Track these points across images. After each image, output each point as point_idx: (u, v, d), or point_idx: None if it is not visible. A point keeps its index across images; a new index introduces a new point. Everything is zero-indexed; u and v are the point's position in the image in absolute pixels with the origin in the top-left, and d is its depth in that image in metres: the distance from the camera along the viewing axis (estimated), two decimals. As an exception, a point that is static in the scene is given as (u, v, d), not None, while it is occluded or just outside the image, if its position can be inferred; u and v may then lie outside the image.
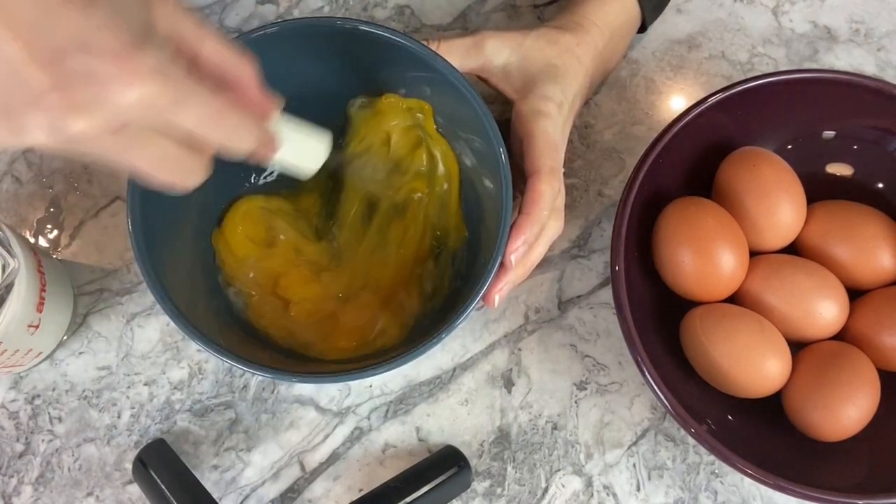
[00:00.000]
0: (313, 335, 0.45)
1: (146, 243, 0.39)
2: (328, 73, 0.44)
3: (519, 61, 0.44)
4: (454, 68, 0.40)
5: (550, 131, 0.41)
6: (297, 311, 0.45)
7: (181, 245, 0.43)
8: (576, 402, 0.47)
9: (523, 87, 0.43)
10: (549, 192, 0.39)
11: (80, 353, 0.48)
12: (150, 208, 0.39)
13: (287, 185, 0.47)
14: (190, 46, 0.28)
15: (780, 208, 0.44)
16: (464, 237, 0.46)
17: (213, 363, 0.48)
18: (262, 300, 0.45)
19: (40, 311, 0.43)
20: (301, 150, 0.35)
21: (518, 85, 0.44)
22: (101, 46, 0.23)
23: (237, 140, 0.29)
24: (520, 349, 0.48)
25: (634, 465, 0.46)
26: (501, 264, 0.39)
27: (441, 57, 0.40)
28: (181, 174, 0.28)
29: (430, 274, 0.46)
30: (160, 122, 0.26)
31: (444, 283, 0.46)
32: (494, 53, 0.44)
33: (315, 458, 0.47)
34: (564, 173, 0.50)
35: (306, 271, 0.46)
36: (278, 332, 0.45)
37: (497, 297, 0.39)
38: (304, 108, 0.36)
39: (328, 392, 0.47)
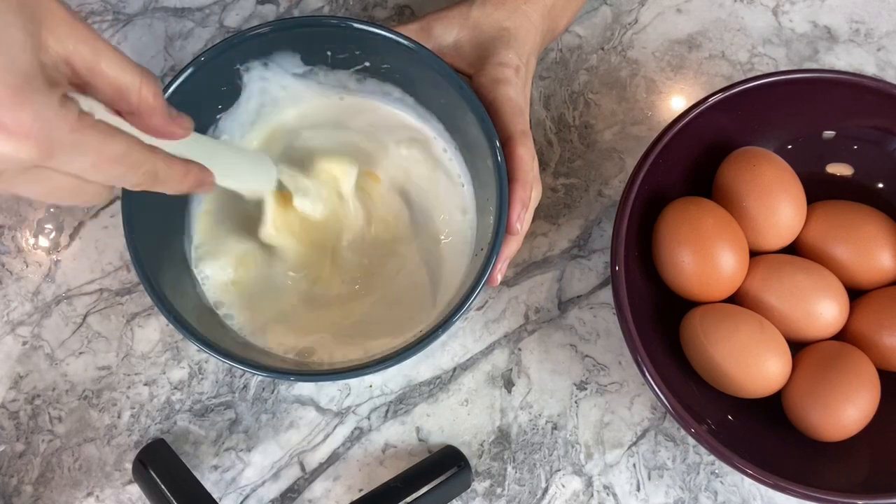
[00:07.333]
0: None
1: (143, 247, 0.38)
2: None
3: (469, 34, 0.43)
4: (435, 55, 0.40)
5: (513, 96, 0.41)
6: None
7: (178, 247, 0.43)
8: (576, 402, 0.47)
9: (477, 59, 0.43)
10: (528, 154, 0.40)
11: (80, 353, 0.48)
12: (147, 211, 0.39)
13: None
14: (86, 68, 0.27)
15: (780, 208, 0.44)
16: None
17: (213, 363, 0.48)
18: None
19: None
20: (242, 173, 0.33)
21: (472, 58, 0.43)
22: None
23: (135, 180, 0.28)
24: (520, 349, 0.48)
25: (634, 465, 0.46)
26: (507, 233, 0.39)
27: (426, 48, 0.40)
28: (79, 200, 0.28)
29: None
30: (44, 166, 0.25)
31: None
32: (443, 34, 0.44)
33: (315, 458, 0.47)
34: (564, 173, 0.50)
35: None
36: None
37: (499, 276, 0.40)
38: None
39: (328, 392, 0.47)
